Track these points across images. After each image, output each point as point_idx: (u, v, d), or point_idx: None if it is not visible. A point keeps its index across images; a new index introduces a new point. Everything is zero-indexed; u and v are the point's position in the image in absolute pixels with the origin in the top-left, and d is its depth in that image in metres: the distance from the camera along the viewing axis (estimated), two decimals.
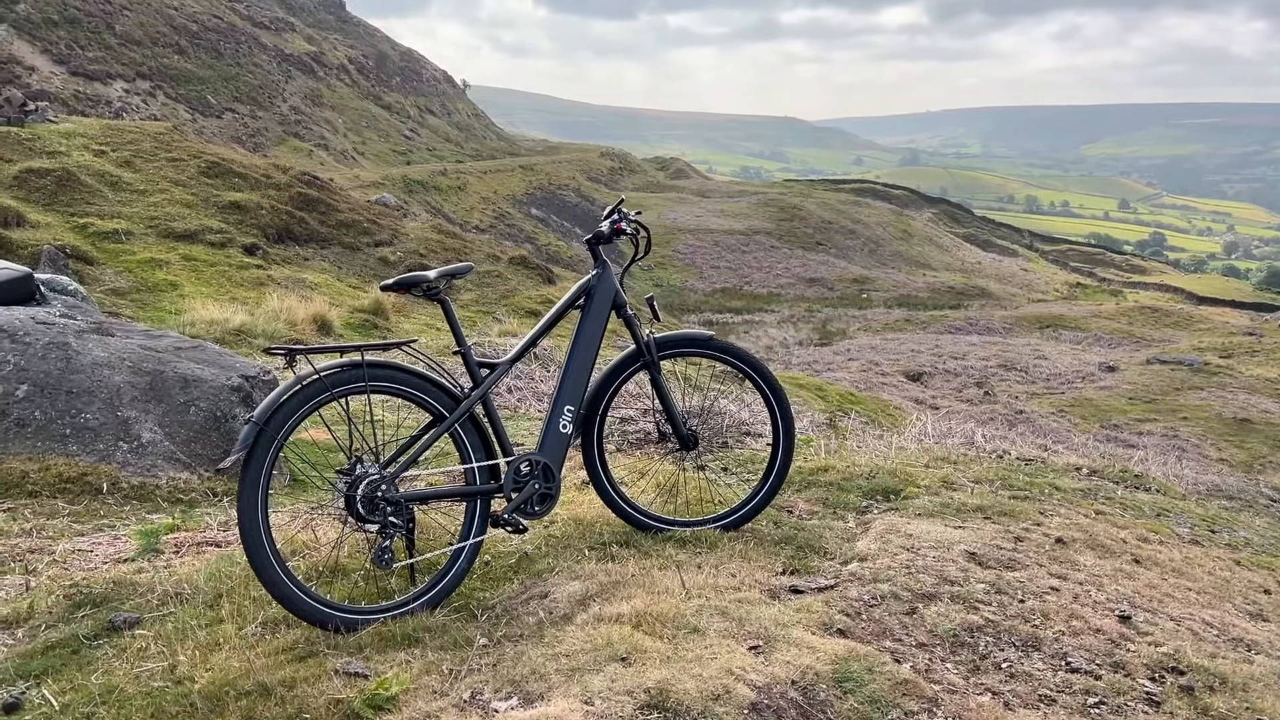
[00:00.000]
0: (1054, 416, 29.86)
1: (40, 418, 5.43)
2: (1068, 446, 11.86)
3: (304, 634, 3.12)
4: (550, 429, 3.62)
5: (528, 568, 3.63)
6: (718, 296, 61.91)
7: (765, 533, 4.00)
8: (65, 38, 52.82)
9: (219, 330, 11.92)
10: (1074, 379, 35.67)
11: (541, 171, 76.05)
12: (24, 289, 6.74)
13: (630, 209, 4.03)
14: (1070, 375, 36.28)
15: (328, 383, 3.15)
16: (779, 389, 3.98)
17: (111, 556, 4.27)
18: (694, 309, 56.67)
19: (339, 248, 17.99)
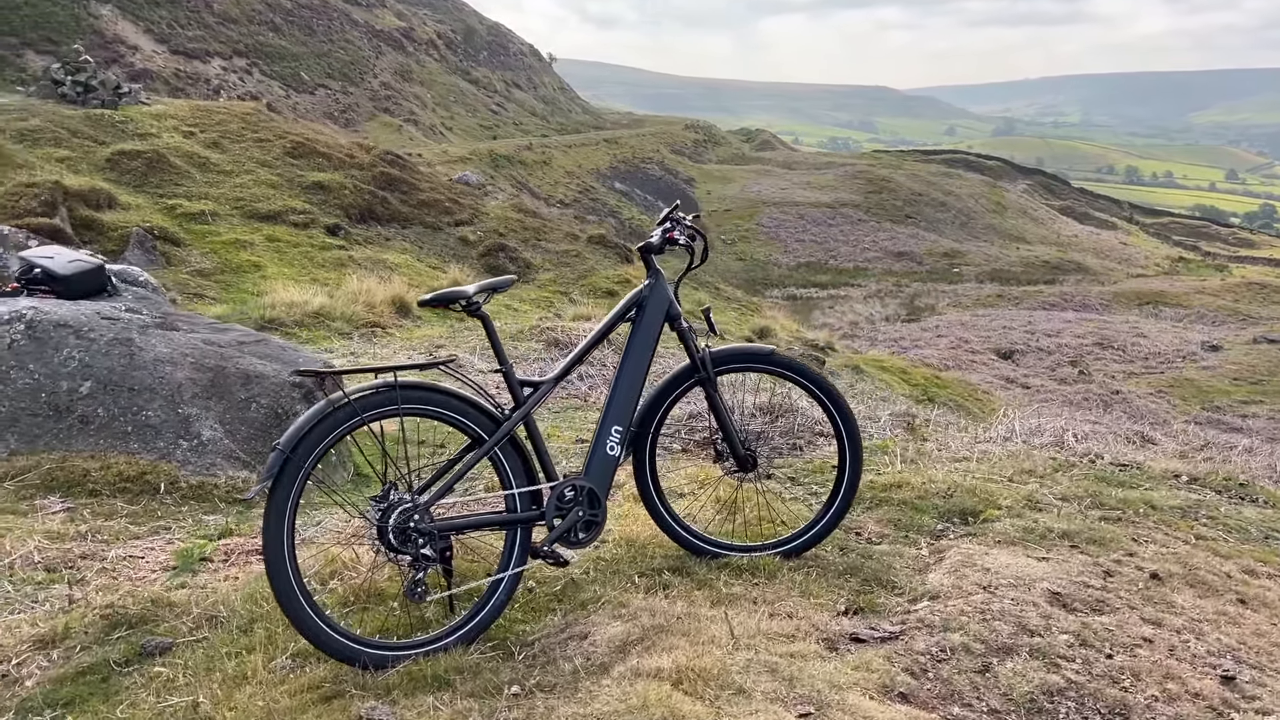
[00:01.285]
0: (1152, 397, 28.73)
1: (103, 415, 5.42)
2: (1167, 433, 11.26)
3: (333, 670, 2.97)
4: (597, 451, 3.41)
5: (573, 596, 3.44)
6: (802, 271, 61.05)
7: (829, 561, 3.74)
8: (166, 17, 54.12)
9: (298, 313, 12.00)
10: (1174, 358, 34.29)
11: (625, 145, 75.77)
12: (96, 281, 6.75)
13: (685, 214, 3.77)
14: (1170, 354, 34.88)
15: (357, 407, 2.98)
16: (845, 407, 3.70)
17: (160, 564, 4.21)
18: (777, 283, 55.99)
19: (420, 227, 18.03)
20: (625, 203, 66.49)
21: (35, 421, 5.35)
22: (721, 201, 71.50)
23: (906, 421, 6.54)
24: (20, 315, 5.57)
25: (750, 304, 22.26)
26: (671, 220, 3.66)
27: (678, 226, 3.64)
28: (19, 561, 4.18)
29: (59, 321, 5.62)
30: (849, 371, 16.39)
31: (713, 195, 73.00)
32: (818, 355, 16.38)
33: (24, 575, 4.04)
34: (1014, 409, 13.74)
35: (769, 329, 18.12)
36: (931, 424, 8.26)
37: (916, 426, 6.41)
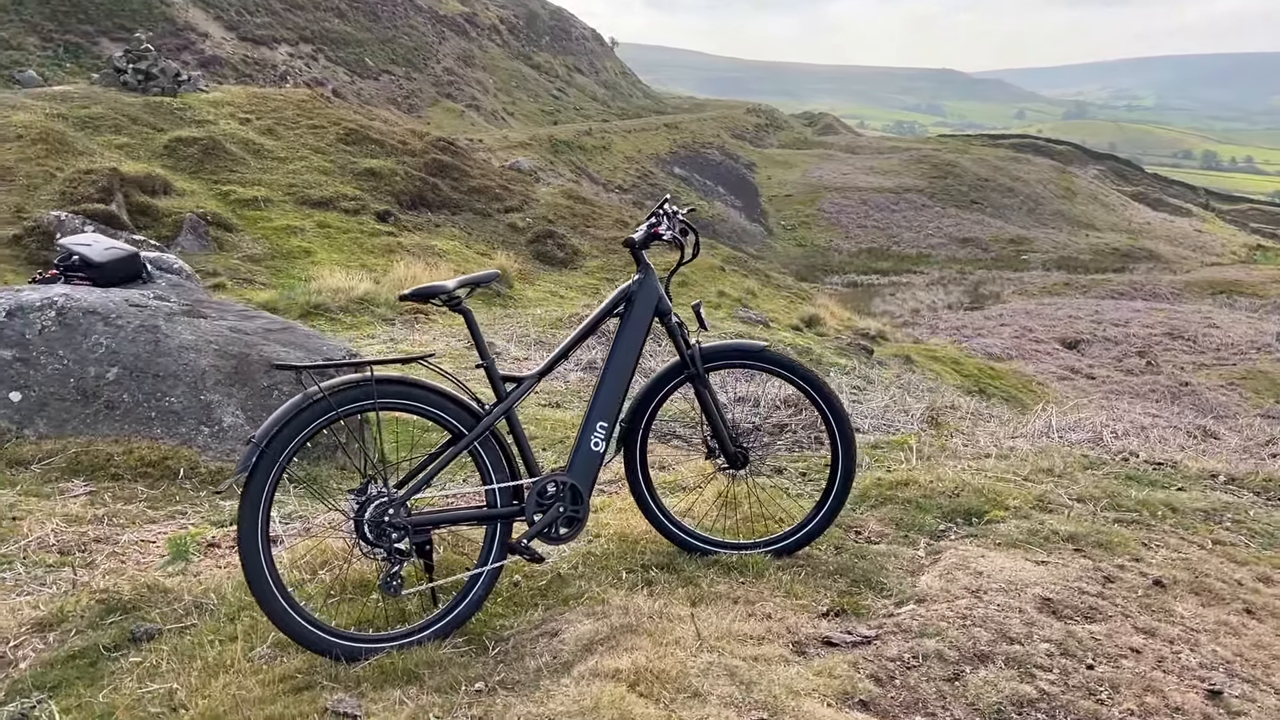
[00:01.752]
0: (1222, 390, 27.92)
1: (128, 400, 5.54)
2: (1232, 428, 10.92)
3: (308, 661, 3.00)
4: (581, 446, 3.39)
5: (557, 591, 3.43)
6: (863, 257, 60.36)
7: (821, 560, 3.68)
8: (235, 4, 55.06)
9: (343, 298, 12.17)
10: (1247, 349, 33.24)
11: (686, 130, 75.46)
12: (131, 268, 6.91)
13: (679, 206, 3.72)
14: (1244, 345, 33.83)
15: (333, 402, 3.00)
16: (838, 405, 3.63)
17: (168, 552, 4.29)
18: (837, 270, 55.45)
19: (470, 214, 18.15)
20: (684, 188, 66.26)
21: (64, 406, 5.49)
22: (782, 186, 70.95)
23: (932, 416, 6.42)
24: (52, 302, 5.71)
25: (801, 291, 22.05)
26: (658, 215, 3.62)
27: (664, 221, 3.60)
28: (35, 544, 4.29)
29: (88, 308, 5.75)
30: (898, 361, 16.17)
31: (773, 180, 72.46)
32: (865, 345, 16.18)
33: (37, 558, 4.15)
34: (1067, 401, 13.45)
35: (818, 317, 17.94)
36: (968, 417, 8.12)
37: (942, 422, 6.28)
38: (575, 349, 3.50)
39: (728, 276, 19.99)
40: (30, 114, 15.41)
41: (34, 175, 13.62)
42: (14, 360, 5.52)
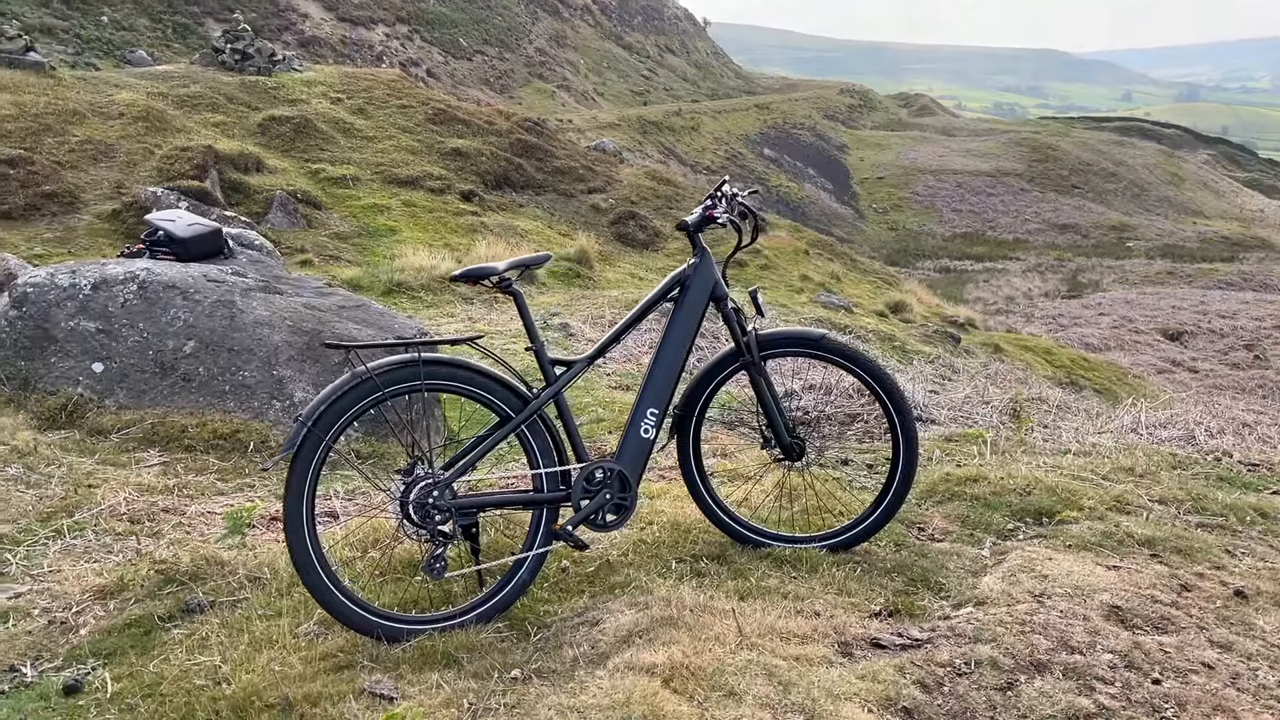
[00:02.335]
0: None
1: (203, 374, 5.66)
2: None
3: (351, 640, 3.01)
4: (630, 433, 3.33)
5: (604, 579, 3.38)
6: (957, 242, 59.02)
7: (879, 557, 3.57)
8: None
9: (425, 277, 12.33)
10: None
11: (776, 110, 74.61)
12: (213, 244, 7.06)
13: (740, 188, 3.62)
14: None
15: (379, 382, 2.99)
16: (900, 397, 3.50)
17: None
18: (930, 255, 54.34)
19: (553, 194, 18.20)
20: (773, 169, 65.56)
21: (143, 378, 5.63)
22: (875, 169, 69.76)
23: (1013, 409, 6.20)
24: (134, 276, 5.86)
25: (888, 277, 21.63)
26: (714, 197, 3.52)
27: (720, 204, 3.49)
28: (107, 512, 4.41)
29: (168, 283, 5.88)
30: (986, 350, 15.75)
31: (866, 162, 71.27)
32: (953, 333, 15.79)
33: (107, 526, 4.26)
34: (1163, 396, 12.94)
35: (904, 303, 17.58)
36: (1054, 410, 7.83)
37: (1023, 415, 6.06)
38: (627, 334, 3.43)
39: (812, 260, 19.70)
40: (133, 93, 15.90)
41: (134, 152, 14.06)
42: (97, 332, 5.68)
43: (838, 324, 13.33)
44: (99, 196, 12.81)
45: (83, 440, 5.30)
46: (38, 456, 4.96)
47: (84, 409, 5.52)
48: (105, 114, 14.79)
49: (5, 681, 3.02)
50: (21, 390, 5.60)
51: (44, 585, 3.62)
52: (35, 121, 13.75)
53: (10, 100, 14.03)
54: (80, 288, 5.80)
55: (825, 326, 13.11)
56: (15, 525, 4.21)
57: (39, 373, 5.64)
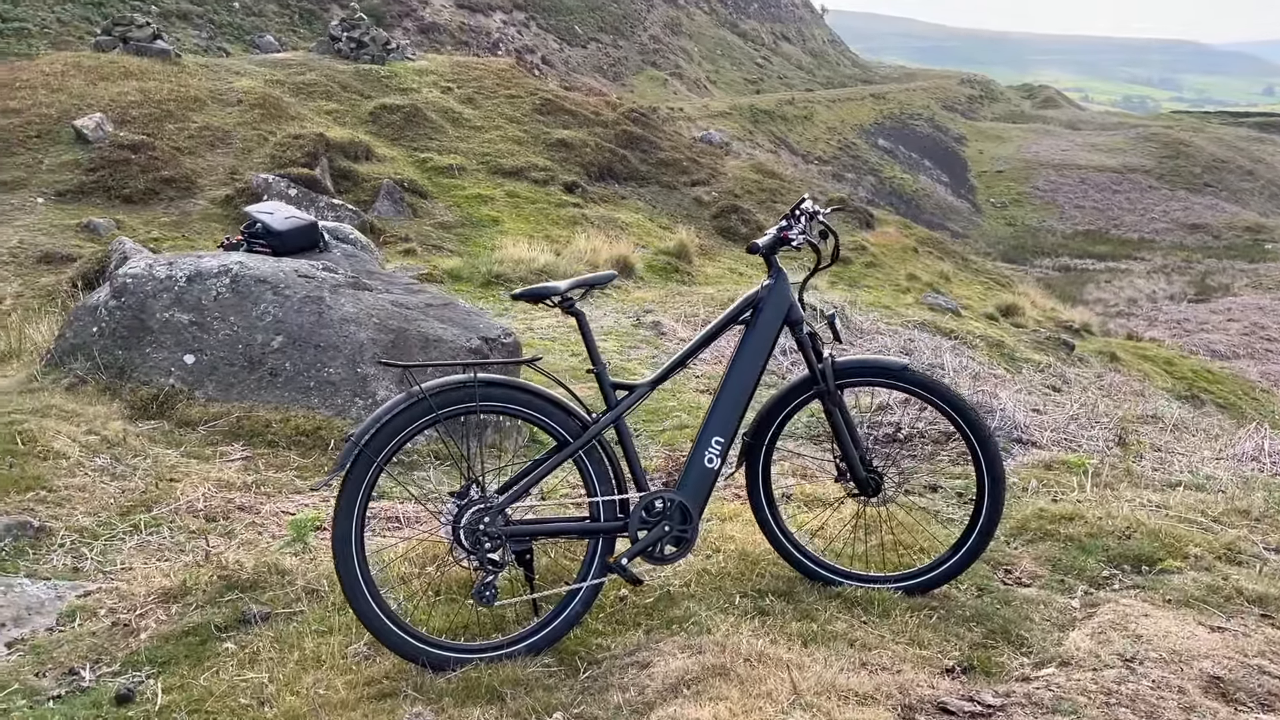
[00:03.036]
0: None
1: (289, 369, 5.71)
2: None
3: (398, 665, 2.95)
4: (694, 462, 3.18)
5: (663, 612, 3.25)
6: (1078, 239, 56.90)
7: (958, 602, 3.35)
8: None
9: (523, 269, 12.36)
10: None
11: (893, 100, 73.04)
12: (309, 237, 7.15)
13: (820, 206, 3.42)
14: None
15: (434, 403, 2.90)
16: (987, 435, 3.27)
17: None
18: (1049, 252, 52.54)
19: (656, 186, 18.09)
20: (887, 160, 64.20)
21: (231, 371, 5.71)
22: (994, 162, 67.73)
23: (1119, 436, 5.84)
24: (227, 269, 5.95)
25: (1000, 277, 20.90)
26: (793, 217, 3.33)
27: (798, 222, 3.31)
28: (184, 508, 4.46)
29: (259, 277, 5.95)
30: (1102, 359, 15.06)
31: (984, 155, 69.26)
32: (1066, 339, 15.14)
33: (183, 523, 4.31)
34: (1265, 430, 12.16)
35: (1016, 306, 16.95)
36: (1170, 431, 7.37)
37: (1129, 441, 5.70)
38: (694, 357, 3.28)
39: (921, 259, 19.17)
40: (251, 80, 16.35)
41: (249, 139, 14.44)
42: (190, 324, 5.78)
43: (943, 328, 12.90)
44: (214, 182, 13.19)
45: (171, 432, 5.40)
46: (126, 447, 5.07)
47: (174, 400, 5.63)
48: (224, 101, 15.22)
49: (64, 685, 3.05)
50: (118, 379, 5.74)
51: (113, 584, 3.66)
52: (158, 108, 14.24)
53: (136, 87, 14.55)
54: (176, 280, 5.91)
55: (930, 330, 12.71)
56: (96, 518, 4.29)
57: (134, 362, 5.77)
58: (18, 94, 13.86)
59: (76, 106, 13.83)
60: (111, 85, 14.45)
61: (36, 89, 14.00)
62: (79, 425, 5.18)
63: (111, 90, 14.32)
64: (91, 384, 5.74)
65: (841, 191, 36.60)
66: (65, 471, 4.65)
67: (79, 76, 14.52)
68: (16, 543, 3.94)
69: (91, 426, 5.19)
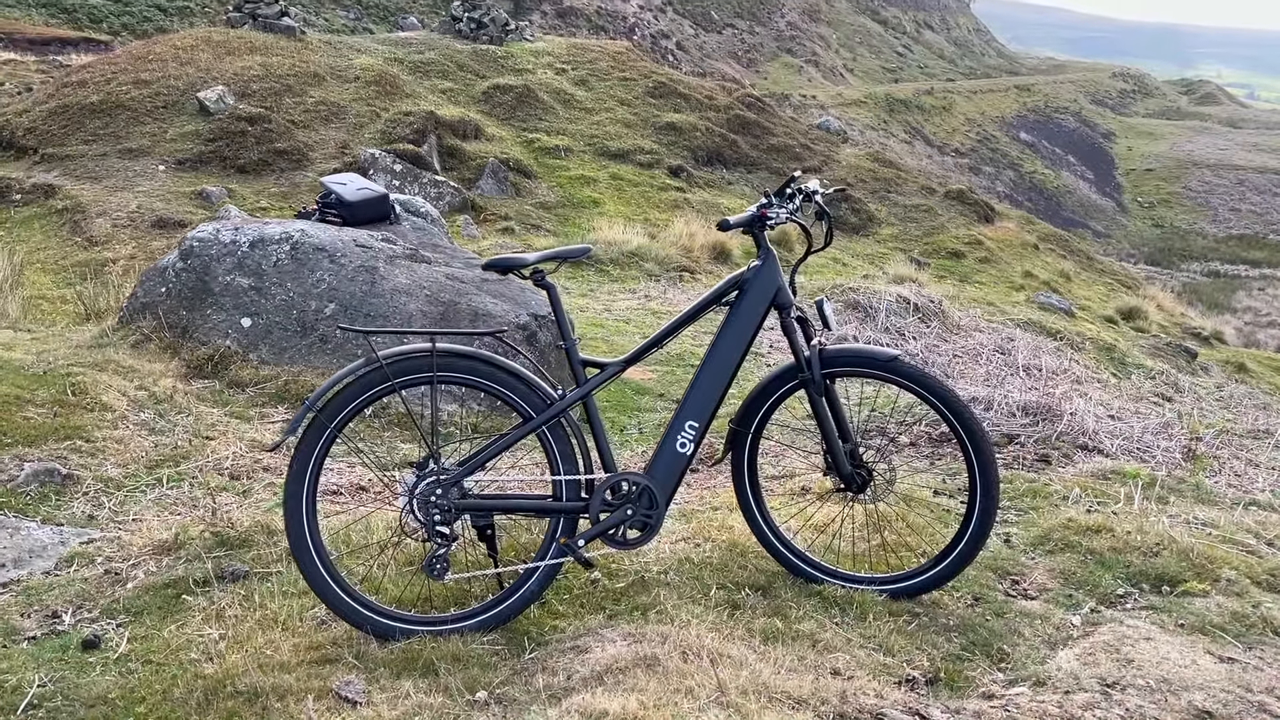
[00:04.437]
0: None
1: (339, 337, 5.80)
2: None
3: (347, 632, 2.93)
4: (665, 447, 3.05)
5: (632, 597, 3.15)
6: (1231, 244, 53.78)
7: (946, 610, 3.14)
8: None
9: (616, 251, 12.33)
10: None
11: (1038, 92, 70.32)
12: (379, 209, 7.23)
13: (820, 184, 3.24)
14: None
15: (390, 371, 2.87)
16: (978, 433, 3.04)
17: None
18: (1199, 256, 49.86)
19: (765, 173, 17.81)
20: (1028, 155, 61.89)
21: (285, 336, 5.83)
22: (1144, 160, 64.60)
23: (1188, 447, 5.43)
24: (288, 236, 6.07)
25: (1126, 279, 19.84)
26: (785, 194, 3.16)
27: (788, 203, 3.14)
28: (211, 465, 4.57)
29: (318, 245, 6.06)
30: (1227, 370, 14.14)
31: (1134, 152, 66.13)
32: (1190, 347, 14.28)
33: (204, 479, 4.40)
34: None
35: (1139, 310, 16.08)
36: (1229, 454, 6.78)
37: (1200, 456, 5.30)
38: (670, 339, 3.15)
39: (1041, 256, 18.36)
40: (371, 58, 16.75)
41: (362, 115, 14.81)
42: (249, 289, 5.93)
43: (1050, 328, 12.32)
44: (324, 155, 13.56)
45: (220, 392, 5.55)
46: (171, 404, 5.22)
47: (229, 361, 5.78)
48: (343, 77, 15.64)
49: (43, 627, 3.14)
50: (180, 338, 5.94)
51: (116, 534, 3.77)
52: (278, 82, 14.72)
53: (260, 62, 15.07)
54: (239, 245, 6.06)
55: (1035, 330, 12.16)
56: (124, 470, 4.43)
57: (196, 323, 5.95)
58: (149, 66, 14.54)
59: (202, 79, 14.43)
60: (236, 60, 15.02)
61: (167, 62, 14.67)
62: (132, 380, 5.37)
63: (236, 64, 14.89)
64: (155, 342, 5.94)
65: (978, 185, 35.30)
66: (107, 424, 4.81)
67: (207, 51, 15.14)
68: (42, 488, 4.09)
69: (143, 383, 5.38)
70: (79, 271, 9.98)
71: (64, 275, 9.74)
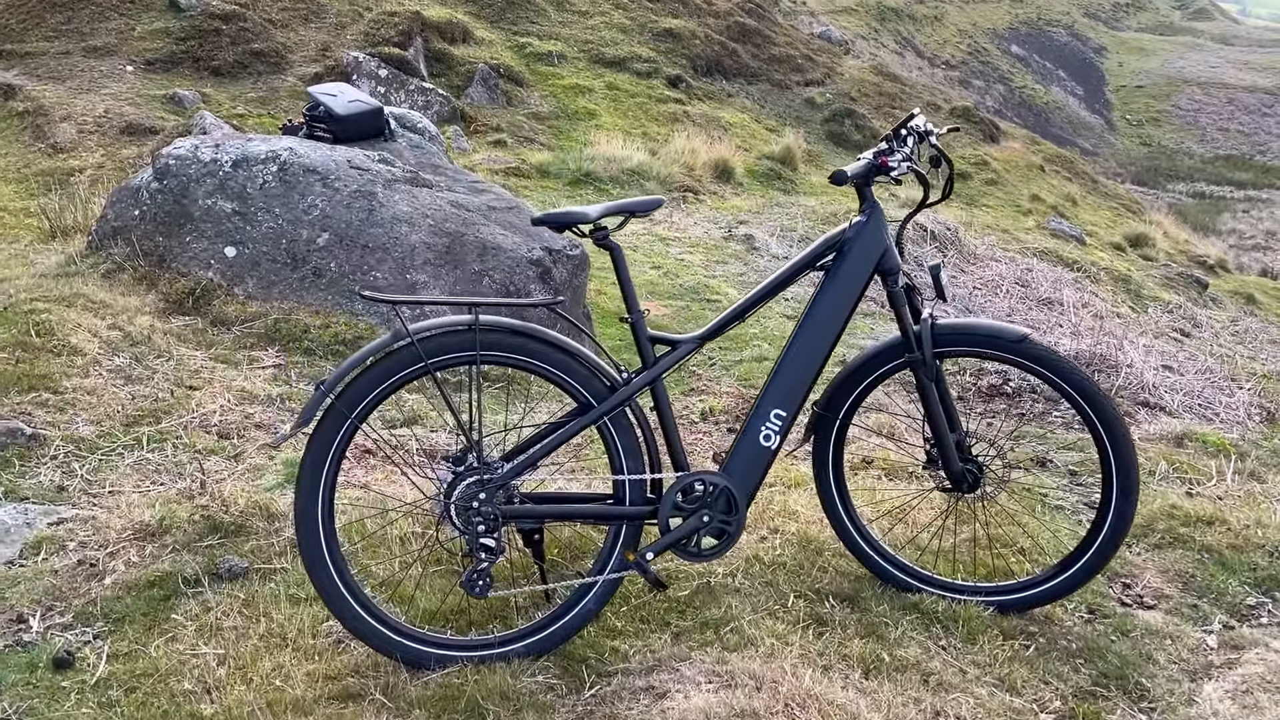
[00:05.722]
0: None
1: (334, 270, 5.25)
2: None
3: (371, 658, 2.47)
4: (746, 439, 2.57)
5: (699, 610, 2.70)
6: (1218, 164, 53.12)
7: (1063, 628, 2.72)
8: None
9: (615, 168, 11.69)
10: None
11: (1030, 4, 68.57)
12: (373, 124, 6.59)
13: (934, 125, 2.71)
14: None
15: (423, 351, 2.35)
16: (1123, 437, 2.57)
17: None
18: (1184, 176, 49.22)
19: (765, 84, 17.03)
20: (1019, 69, 60.53)
21: (274, 268, 5.27)
22: (1134, 76, 63.37)
23: (1266, 409, 5.02)
24: (275, 156, 5.47)
25: (1131, 203, 19.34)
26: (899, 137, 2.62)
27: (902, 147, 2.61)
28: (197, 422, 4.06)
29: (309, 166, 5.46)
30: (1237, 301, 13.78)
31: (1125, 69, 64.84)
32: (1199, 276, 13.89)
33: (192, 440, 3.90)
34: None
35: (1146, 237, 15.63)
36: None
37: (1279, 418, 4.89)
38: (757, 309, 2.64)
39: (1047, 178, 17.80)
40: None
41: (344, 14, 13.90)
42: (233, 214, 5.34)
43: (1065, 258, 11.87)
44: (304, 58, 12.72)
45: (203, 331, 5.00)
46: (150, 346, 4.68)
47: (212, 295, 5.22)
48: None
49: (6, 636, 2.66)
50: (156, 268, 5.36)
51: (90, 513, 3.27)
52: None
53: None
54: (221, 164, 5.45)
55: (1050, 260, 11.71)
56: (98, 428, 3.91)
57: (174, 251, 5.37)
58: None
59: None
60: None
61: None
62: (104, 318, 4.81)
63: None
64: (128, 272, 5.36)
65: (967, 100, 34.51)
66: (77, 371, 4.28)
67: None
68: (3, 452, 3.58)
69: (117, 321, 4.82)
70: (43, 182, 9.26)
71: (27, 185, 9.02)
